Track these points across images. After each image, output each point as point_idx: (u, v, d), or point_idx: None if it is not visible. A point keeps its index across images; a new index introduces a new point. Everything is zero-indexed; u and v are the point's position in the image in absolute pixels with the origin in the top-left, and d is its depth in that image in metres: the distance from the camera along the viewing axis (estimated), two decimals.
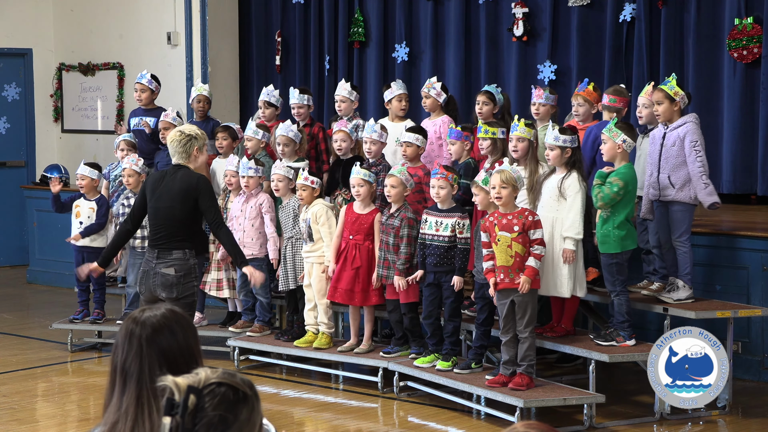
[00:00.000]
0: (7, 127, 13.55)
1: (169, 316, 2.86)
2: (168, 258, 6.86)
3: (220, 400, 2.27)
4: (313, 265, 8.31)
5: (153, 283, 6.86)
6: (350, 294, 8.09)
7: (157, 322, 2.84)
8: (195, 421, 2.24)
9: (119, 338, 2.85)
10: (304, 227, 8.29)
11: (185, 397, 2.25)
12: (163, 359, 2.79)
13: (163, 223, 6.92)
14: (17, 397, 7.90)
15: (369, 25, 11.79)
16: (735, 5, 9.45)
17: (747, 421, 7.39)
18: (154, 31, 12.63)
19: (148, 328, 2.82)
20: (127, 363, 2.80)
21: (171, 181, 6.94)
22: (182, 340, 2.84)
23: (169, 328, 2.84)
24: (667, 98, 7.50)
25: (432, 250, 7.61)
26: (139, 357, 2.79)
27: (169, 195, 6.92)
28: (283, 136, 8.75)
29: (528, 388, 7.03)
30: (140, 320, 2.84)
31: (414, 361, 7.80)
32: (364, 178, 8.02)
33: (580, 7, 10.33)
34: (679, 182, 7.47)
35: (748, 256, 8.18)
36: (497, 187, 7.04)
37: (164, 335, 2.82)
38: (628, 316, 7.33)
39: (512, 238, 7.00)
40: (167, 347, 2.81)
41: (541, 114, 8.30)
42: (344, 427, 7.43)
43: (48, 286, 12.29)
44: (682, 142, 7.43)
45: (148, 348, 2.80)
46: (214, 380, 2.29)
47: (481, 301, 7.49)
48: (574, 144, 7.38)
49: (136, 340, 2.81)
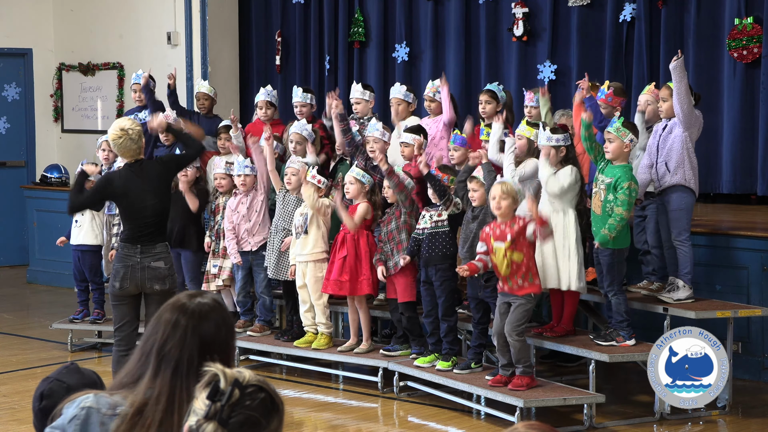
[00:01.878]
0: (7, 127, 13.56)
1: (216, 309, 2.87)
2: (153, 252, 6.88)
3: (259, 404, 2.32)
4: (307, 265, 8.29)
5: (142, 276, 6.85)
6: (339, 284, 8.07)
7: (205, 312, 2.84)
8: (231, 414, 2.29)
9: (163, 321, 2.83)
10: (301, 221, 8.27)
11: (231, 388, 2.29)
12: (203, 350, 2.79)
13: (151, 219, 6.88)
14: (17, 397, 7.90)
15: (369, 25, 11.79)
16: (735, 5, 9.45)
17: (747, 421, 7.39)
18: (154, 31, 12.63)
19: (195, 318, 2.82)
20: (166, 347, 2.79)
21: (146, 177, 6.88)
22: (223, 335, 2.85)
23: (215, 321, 2.84)
24: (672, 96, 7.53)
25: (425, 242, 7.62)
26: (180, 346, 2.79)
27: (153, 192, 6.89)
28: (296, 133, 8.76)
29: (528, 388, 7.03)
30: (189, 309, 2.83)
31: (414, 361, 7.81)
32: (356, 176, 8.04)
33: (580, 7, 10.34)
34: (673, 165, 7.51)
35: (748, 256, 8.18)
36: (497, 198, 7.02)
37: (209, 326, 2.82)
38: (627, 316, 7.33)
39: (506, 247, 6.99)
40: (209, 338, 2.81)
41: (534, 116, 8.30)
42: (344, 427, 7.43)
43: (48, 286, 12.29)
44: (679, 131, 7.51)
45: (192, 338, 2.80)
46: (255, 383, 2.34)
47: (474, 300, 7.50)
48: (567, 142, 7.40)
49: (181, 329, 2.80)
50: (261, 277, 8.72)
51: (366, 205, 8.04)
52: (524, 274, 7.01)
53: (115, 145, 6.88)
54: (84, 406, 2.79)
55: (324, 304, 8.30)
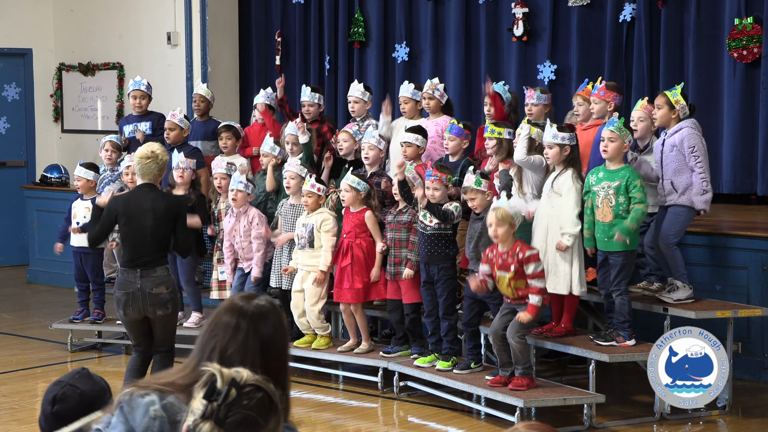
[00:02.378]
0: (7, 127, 13.55)
1: (273, 311, 2.84)
2: (153, 276, 6.73)
3: (256, 403, 2.32)
4: (309, 273, 8.29)
5: (144, 304, 6.72)
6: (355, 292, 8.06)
7: (264, 314, 2.81)
8: (228, 414, 2.28)
9: (222, 325, 2.79)
10: (305, 232, 8.26)
11: (228, 388, 2.29)
12: (263, 353, 2.76)
13: (150, 243, 6.76)
14: (17, 397, 7.90)
15: (369, 25, 11.79)
16: (735, 5, 9.45)
17: (747, 421, 7.39)
18: (154, 31, 12.63)
19: (255, 320, 2.79)
20: (228, 351, 2.74)
21: (152, 202, 6.77)
22: (280, 337, 2.82)
23: (273, 323, 2.81)
24: (667, 104, 7.52)
25: (424, 240, 7.61)
26: (243, 349, 2.75)
27: (153, 215, 6.75)
28: (292, 134, 8.76)
29: (528, 388, 7.03)
30: (248, 312, 2.80)
31: (414, 361, 7.81)
32: (351, 184, 8.03)
33: (580, 7, 10.34)
34: (681, 187, 7.49)
35: (748, 256, 8.18)
36: (493, 225, 6.98)
37: (267, 328, 2.80)
38: (629, 317, 7.33)
39: (510, 277, 6.99)
40: (268, 340, 2.78)
41: (535, 114, 8.30)
42: (344, 427, 7.43)
43: (48, 286, 12.29)
44: (679, 148, 7.46)
45: (253, 341, 2.76)
46: (253, 383, 2.33)
47: (469, 299, 7.49)
48: (572, 142, 7.39)
49: (242, 332, 2.77)
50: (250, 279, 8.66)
51: (370, 213, 8.05)
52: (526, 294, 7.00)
53: (140, 163, 6.76)
54: (155, 416, 2.67)
55: (318, 310, 8.26)
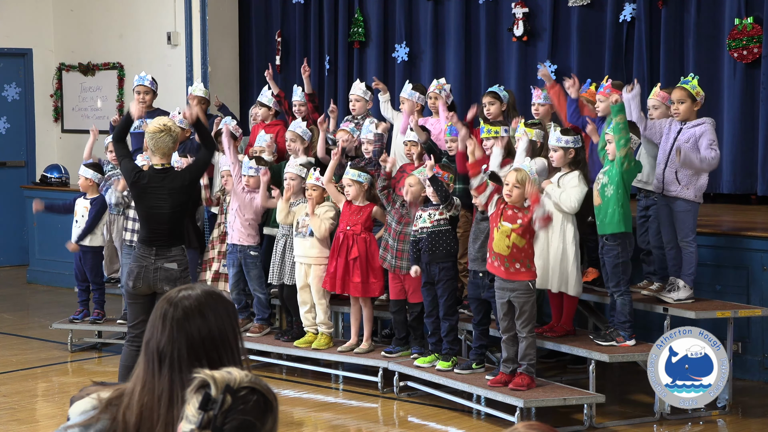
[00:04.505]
0: (7, 127, 13.55)
1: (203, 300, 2.71)
2: (168, 254, 6.93)
3: (252, 406, 2.29)
4: (311, 266, 8.30)
5: (154, 277, 6.90)
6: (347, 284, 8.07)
7: (190, 305, 2.69)
8: (225, 421, 2.26)
9: (154, 317, 2.73)
10: (308, 222, 8.26)
11: (223, 395, 2.27)
12: (193, 345, 2.67)
13: (167, 223, 6.94)
14: (17, 397, 7.90)
15: (369, 25, 11.79)
16: (735, 5, 9.45)
17: (747, 421, 7.39)
18: (154, 31, 12.63)
19: (179, 311, 2.69)
20: (161, 345, 2.69)
21: (168, 186, 6.91)
22: (215, 326, 2.69)
23: (201, 312, 2.69)
24: (690, 97, 7.53)
25: (423, 243, 7.61)
26: (171, 341, 2.68)
27: (170, 199, 6.91)
28: (292, 132, 8.78)
29: (528, 388, 7.03)
30: (174, 301, 2.71)
31: (414, 361, 7.81)
32: (353, 178, 8.05)
33: (580, 7, 10.34)
34: (686, 179, 7.49)
35: (749, 256, 8.18)
36: (510, 184, 7.01)
37: (195, 320, 2.68)
38: (630, 317, 7.34)
39: (512, 228, 6.99)
40: (197, 333, 2.67)
41: (541, 114, 8.32)
42: (344, 427, 7.43)
43: (48, 286, 12.29)
44: (696, 141, 7.47)
45: (178, 332, 2.68)
46: (247, 384, 2.30)
47: (475, 301, 7.49)
48: (577, 144, 7.40)
49: (168, 321, 2.69)
50: (253, 274, 8.67)
51: (377, 208, 8.06)
52: (522, 259, 7.01)
53: (153, 138, 6.85)
54: None
55: (326, 304, 8.30)
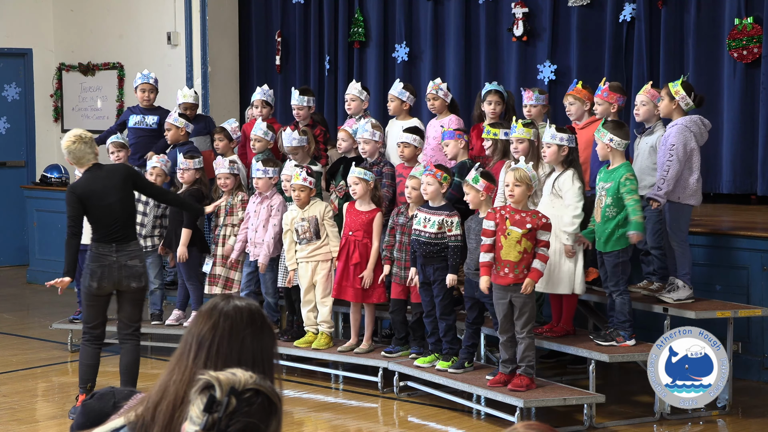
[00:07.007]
0: (7, 127, 13.56)
1: (255, 310, 2.72)
2: (127, 249, 7.05)
3: (256, 408, 2.29)
4: (318, 264, 8.30)
5: (120, 275, 7.00)
6: (353, 291, 8.09)
7: (242, 308, 2.70)
8: (230, 423, 2.26)
9: (200, 312, 2.72)
10: (307, 226, 8.26)
11: (228, 398, 2.26)
12: (241, 348, 2.66)
13: (119, 217, 7.03)
14: (17, 397, 7.91)
15: (369, 25, 11.79)
16: (735, 5, 9.45)
17: (747, 421, 7.39)
18: (154, 31, 12.63)
19: (230, 306, 2.69)
20: (203, 332, 2.67)
21: (107, 178, 7.01)
22: (262, 341, 2.69)
23: (252, 320, 2.69)
24: (668, 95, 7.55)
25: (419, 246, 7.61)
26: (213, 328, 2.65)
27: (115, 190, 7.01)
28: (288, 146, 8.75)
29: (528, 389, 7.03)
30: (226, 305, 2.71)
31: (414, 361, 7.81)
32: (359, 176, 8.05)
33: (580, 7, 10.34)
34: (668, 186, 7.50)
35: (748, 256, 8.18)
36: (511, 184, 7.02)
37: (244, 325, 2.68)
38: (630, 316, 7.34)
39: (522, 233, 6.99)
40: (248, 339, 2.67)
41: (534, 115, 8.31)
42: (344, 427, 7.43)
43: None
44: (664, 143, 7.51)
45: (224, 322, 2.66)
46: (252, 386, 2.30)
47: (470, 300, 7.49)
48: (571, 143, 7.40)
49: (217, 312, 2.68)
50: (268, 277, 8.69)
51: (380, 215, 8.06)
52: (530, 261, 7.02)
53: (70, 151, 7.01)
54: None
55: (330, 304, 8.30)
